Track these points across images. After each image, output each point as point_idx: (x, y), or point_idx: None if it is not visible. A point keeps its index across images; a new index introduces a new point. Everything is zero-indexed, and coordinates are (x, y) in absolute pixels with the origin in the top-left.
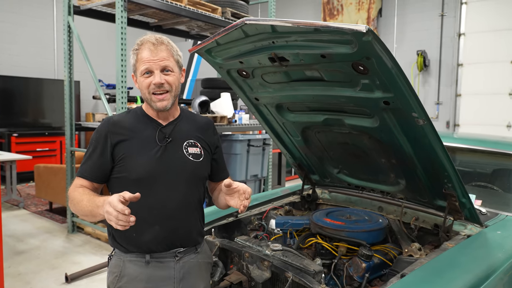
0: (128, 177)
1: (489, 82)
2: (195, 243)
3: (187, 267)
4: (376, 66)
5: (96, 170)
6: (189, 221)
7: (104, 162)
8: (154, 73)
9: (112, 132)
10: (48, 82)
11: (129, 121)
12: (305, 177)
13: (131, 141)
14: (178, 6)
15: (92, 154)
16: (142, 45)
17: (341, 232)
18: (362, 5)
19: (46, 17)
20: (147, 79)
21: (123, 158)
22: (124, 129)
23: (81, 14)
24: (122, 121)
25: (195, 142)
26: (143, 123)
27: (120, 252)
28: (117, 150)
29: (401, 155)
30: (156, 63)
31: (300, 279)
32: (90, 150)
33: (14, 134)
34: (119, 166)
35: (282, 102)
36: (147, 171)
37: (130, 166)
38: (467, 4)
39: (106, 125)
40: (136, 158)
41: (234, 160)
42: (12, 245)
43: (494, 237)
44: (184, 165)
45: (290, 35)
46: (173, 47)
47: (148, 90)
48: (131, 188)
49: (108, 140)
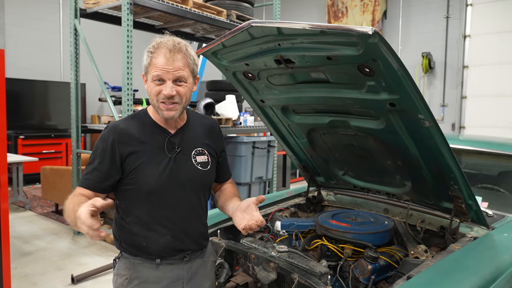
0: (140, 190)
1: (494, 84)
2: (202, 247)
3: (195, 267)
4: (382, 68)
5: (103, 181)
6: (197, 227)
7: (112, 173)
8: (166, 82)
9: (120, 142)
10: (54, 84)
11: (136, 129)
12: (311, 179)
13: (141, 152)
14: (183, 8)
15: (99, 165)
16: (158, 49)
17: (347, 234)
18: (366, 7)
19: (53, 20)
20: (158, 86)
21: (133, 170)
22: (133, 139)
23: (87, 17)
24: (129, 129)
25: (202, 150)
26: (150, 131)
27: (128, 255)
28: (127, 162)
29: (407, 157)
30: (170, 72)
31: (306, 280)
32: (97, 160)
33: (21, 136)
34: (130, 179)
35: (287, 104)
36: (159, 184)
37: (142, 179)
38: (472, 6)
39: (112, 133)
40: (148, 171)
41: (239, 162)
42: (18, 247)
43: (501, 239)
44: (193, 175)
45: (296, 37)
46: (190, 56)
47: (156, 97)
48: (142, 200)
49: (117, 150)
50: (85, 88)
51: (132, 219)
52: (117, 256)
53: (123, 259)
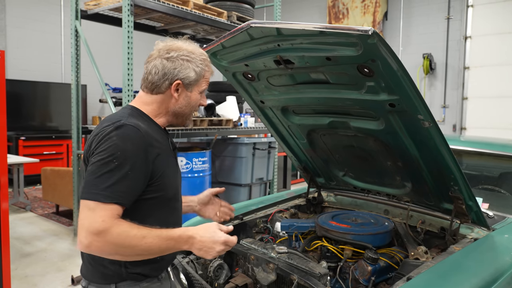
0: (165, 195)
1: (495, 85)
2: None
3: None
4: (382, 68)
5: (136, 193)
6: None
7: (144, 181)
8: (203, 95)
9: (148, 143)
10: (55, 86)
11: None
12: (311, 180)
13: (161, 154)
14: (184, 10)
15: (131, 172)
16: (209, 63)
17: (347, 235)
18: (367, 8)
19: (54, 21)
20: (201, 99)
21: (161, 175)
22: (154, 139)
23: (88, 19)
24: (148, 130)
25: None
26: (157, 132)
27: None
28: (155, 166)
29: (407, 158)
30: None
31: (306, 281)
32: (127, 166)
33: (22, 137)
34: (156, 185)
35: (287, 105)
36: (177, 185)
37: (167, 183)
38: (473, 7)
39: (140, 134)
40: (169, 173)
41: (240, 163)
42: (19, 248)
43: (501, 240)
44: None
45: (296, 37)
46: None
47: (195, 108)
48: (161, 207)
49: (148, 153)
50: (86, 89)
51: None
52: None
53: None
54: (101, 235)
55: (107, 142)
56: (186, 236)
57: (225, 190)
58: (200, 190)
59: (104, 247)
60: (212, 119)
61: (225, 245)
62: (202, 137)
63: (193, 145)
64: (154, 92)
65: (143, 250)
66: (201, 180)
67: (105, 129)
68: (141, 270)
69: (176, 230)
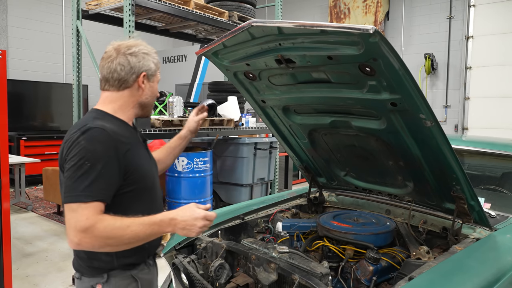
0: (143, 186)
1: (498, 85)
2: None
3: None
4: (383, 67)
5: (112, 188)
6: None
7: (119, 177)
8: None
9: (117, 141)
10: (56, 86)
11: (117, 128)
12: (312, 180)
13: (132, 149)
14: (185, 10)
15: (103, 170)
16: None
17: (348, 235)
18: (369, 8)
19: (55, 21)
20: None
21: (136, 169)
22: (123, 136)
23: (89, 19)
24: (114, 128)
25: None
26: (125, 128)
27: (123, 271)
28: (127, 162)
29: (408, 157)
30: None
31: (307, 281)
32: (99, 166)
33: (23, 137)
34: (132, 178)
35: (288, 104)
36: (153, 176)
37: (143, 174)
38: (475, 7)
39: (107, 134)
40: (144, 166)
41: (241, 163)
42: (20, 248)
43: (504, 240)
44: (156, 163)
45: (297, 37)
46: None
47: (155, 99)
48: (144, 197)
49: (118, 150)
50: (87, 89)
51: None
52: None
53: (116, 277)
54: (88, 231)
55: (77, 147)
56: (168, 219)
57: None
58: (201, 190)
59: (93, 242)
60: (213, 119)
61: (205, 220)
62: (203, 137)
63: (194, 145)
64: (121, 87)
65: (130, 238)
66: (202, 180)
67: (73, 136)
68: (131, 258)
69: (158, 215)
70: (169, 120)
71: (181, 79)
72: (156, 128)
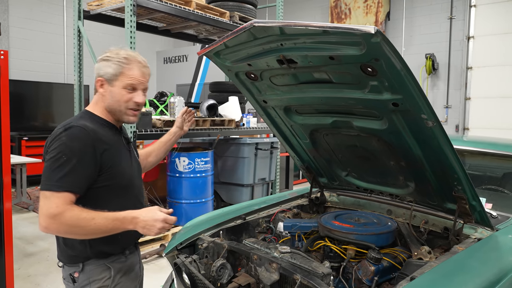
0: (120, 183)
1: (499, 85)
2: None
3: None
4: (385, 67)
5: (84, 182)
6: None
7: (92, 172)
8: (137, 92)
9: (96, 140)
10: (58, 86)
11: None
12: (313, 180)
13: (111, 148)
14: (186, 10)
15: (78, 164)
16: (131, 62)
17: (350, 235)
18: (370, 8)
19: (56, 22)
20: (129, 94)
21: (111, 166)
22: (104, 136)
23: (90, 19)
24: (96, 129)
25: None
26: (108, 129)
27: (96, 260)
28: (104, 159)
29: (410, 158)
30: (142, 83)
31: (309, 281)
32: (74, 160)
33: (24, 137)
34: (108, 174)
35: (290, 105)
36: (130, 175)
37: (120, 172)
38: (476, 7)
39: (86, 133)
40: (121, 164)
41: (242, 163)
42: (22, 247)
43: (505, 240)
44: (139, 165)
45: (299, 37)
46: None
47: (126, 104)
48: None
49: (96, 148)
50: (89, 89)
51: None
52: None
53: (90, 266)
54: (56, 218)
55: (57, 142)
56: (130, 217)
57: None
58: (202, 190)
59: (59, 228)
60: (214, 119)
61: (164, 223)
62: (204, 137)
63: (195, 145)
64: (95, 91)
65: (93, 229)
66: (203, 180)
67: (57, 131)
68: (105, 248)
69: (122, 213)
70: (171, 121)
71: (182, 80)
72: (157, 128)
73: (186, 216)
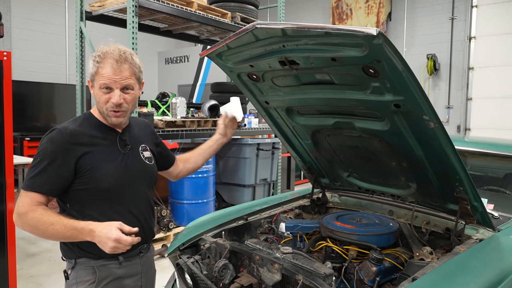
0: (99, 187)
1: (500, 85)
2: (152, 235)
3: (147, 261)
4: (387, 69)
5: (54, 183)
6: (150, 219)
7: (64, 175)
8: (114, 91)
9: (72, 143)
10: (60, 87)
11: (86, 130)
12: (315, 181)
13: (95, 151)
14: (188, 11)
15: (48, 166)
16: (104, 59)
17: (352, 236)
18: (371, 9)
19: (58, 23)
20: (106, 95)
21: (89, 169)
22: (85, 139)
23: (92, 20)
24: (80, 131)
25: (146, 146)
26: (100, 131)
27: (87, 260)
28: (82, 163)
29: (412, 159)
30: (117, 82)
31: (311, 282)
32: (45, 162)
33: (26, 138)
34: (85, 178)
35: (292, 106)
36: (116, 179)
37: (100, 176)
38: (477, 7)
39: (62, 136)
40: (105, 168)
41: (243, 164)
42: (24, 248)
43: (507, 241)
44: (144, 169)
45: (301, 38)
46: (136, 64)
47: (105, 105)
48: (99, 198)
49: (71, 152)
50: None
51: (90, 219)
52: (70, 266)
53: (80, 265)
54: (20, 217)
55: (40, 143)
56: (88, 229)
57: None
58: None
59: (23, 226)
60: (216, 120)
61: (116, 242)
62: (206, 137)
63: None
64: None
65: (51, 234)
66: (205, 180)
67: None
68: (92, 250)
69: (82, 223)
70: (172, 121)
71: (184, 80)
72: (159, 129)
73: (188, 217)
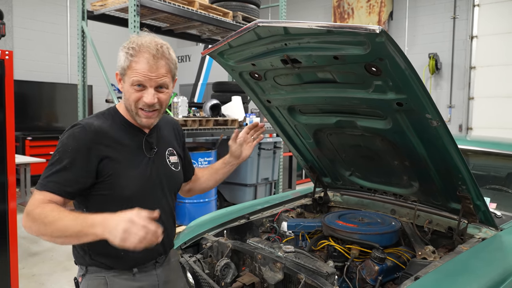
0: (117, 194)
1: (502, 85)
2: (171, 247)
3: (165, 271)
4: (389, 67)
5: (72, 184)
6: (171, 231)
7: (84, 176)
8: (147, 90)
9: (96, 142)
10: (61, 86)
11: (111, 128)
12: (317, 180)
13: (119, 154)
14: (189, 10)
15: (68, 165)
16: (140, 52)
17: (354, 235)
18: (373, 8)
19: (60, 22)
20: (138, 92)
21: (112, 175)
22: (110, 139)
23: (94, 19)
24: (104, 129)
25: (173, 150)
26: (125, 131)
27: (99, 269)
28: (104, 166)
29: (414, 157)
30: (153, 79)
31: (313, 280)
32: (65, 161)
33: (28, 137)
34: (107, 183)
35: (294, 104)
36: (140, 186)
37: (123, 183)
38: (479, 6)
39: (85, 133)
40: (128, 174)
41: (245, 163)
42: (26, 247)
43: (510, 240)
44: (169, 176)
45: (303, 37)
46: (172, 60)
47: (135, 103)
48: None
49: (93, 152)
50: (92, 89)
51: None
52: (81, 273)
53: (91, 275)
54: (29, 215)
55: (60, 139)
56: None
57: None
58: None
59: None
60: (217, 119)
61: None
62: (207, 137)
63: (198, 145)
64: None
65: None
66: None
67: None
68: (104, 261)
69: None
70: None
71: (185, 79)
72: None
73: (190, 216)
